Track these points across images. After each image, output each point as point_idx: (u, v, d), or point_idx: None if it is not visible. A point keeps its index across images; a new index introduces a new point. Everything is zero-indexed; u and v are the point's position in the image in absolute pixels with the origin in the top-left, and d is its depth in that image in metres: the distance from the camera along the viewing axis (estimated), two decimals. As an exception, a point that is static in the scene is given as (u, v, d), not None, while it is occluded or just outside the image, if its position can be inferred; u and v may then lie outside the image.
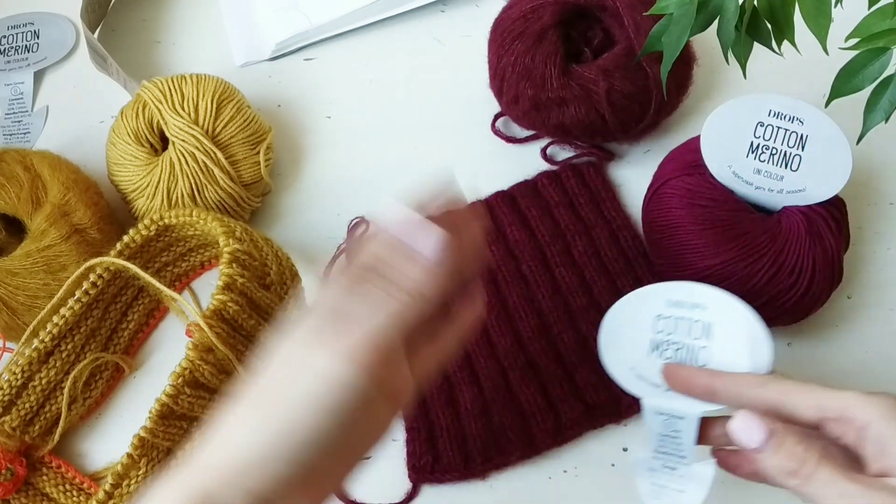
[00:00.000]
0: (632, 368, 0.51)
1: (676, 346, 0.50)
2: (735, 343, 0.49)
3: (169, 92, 0.67)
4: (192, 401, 0.55)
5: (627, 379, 0.51)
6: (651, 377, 0.50)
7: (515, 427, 0.60)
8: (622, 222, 0.66)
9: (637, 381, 0.50)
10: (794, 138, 0.58)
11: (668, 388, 0.50)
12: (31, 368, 0.60)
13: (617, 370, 0.51)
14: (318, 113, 0.76)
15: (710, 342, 0.50)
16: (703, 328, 0.50)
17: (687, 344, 0.50)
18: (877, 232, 0.65)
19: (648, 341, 0.51)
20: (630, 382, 0.51)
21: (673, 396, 0.49)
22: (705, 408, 0.48)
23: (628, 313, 0.52)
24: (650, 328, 0.51)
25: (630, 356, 0.51)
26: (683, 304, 0.50)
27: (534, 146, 0.71)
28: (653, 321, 0.51)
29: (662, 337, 0.50)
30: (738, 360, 0.49)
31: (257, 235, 0.62)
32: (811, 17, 0.50)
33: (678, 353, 0.50)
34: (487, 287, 0.65)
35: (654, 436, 0.50)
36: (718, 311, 0.50)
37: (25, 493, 0.61)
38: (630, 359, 0.51)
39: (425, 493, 0.59)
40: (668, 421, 0.49)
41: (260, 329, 0.58)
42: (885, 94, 0.53)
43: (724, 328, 0.50)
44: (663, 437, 0.49)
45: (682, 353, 0.50)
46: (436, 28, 0.79)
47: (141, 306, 0.66)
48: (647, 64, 0.63)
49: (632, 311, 0.52)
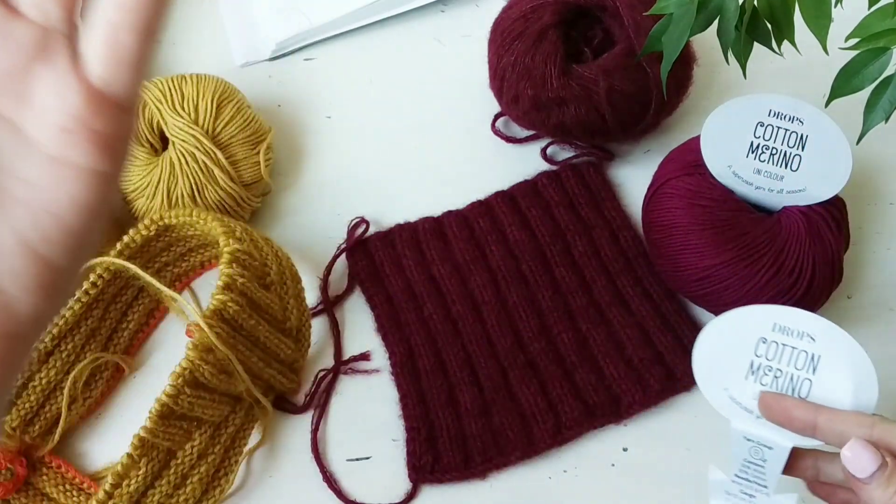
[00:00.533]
0: (725, 388, 0.48)
1: (776, 373, 0.48)
2: (840, 379, 0.47)
3: (169, 92, 0.67)
4: (192, 401, 0.55)
5: (719, 398, 0.48)
6: (744, 401, 0.48)
7: (515, 427, 0.60)
8: (622, 222, 0.66)
9: (729, 403, 0.48)
10: (794, 138, 0.58)
11: (760, 416, 0.48)
12: (31, 368, 0.60)
13: (709, 387, 0.49)
14: (318, 113, 0.76)
15: (813, 375, 0.47)
16: (808, 359, 0.47)
17: (788, 373, 0.47)
18: (877, 232, 0.65)
19: (747, 363, 0.48)
20: (721, 402, 0.48)
21: (765, 424, 0.47)
22: (800, 442, 0.47)
23: (731, 329, 0.49)
24: (751, 350, 0.48)
25: (725, 375, 0.48)
26: (791, 332, 0.48)
27: (534, 146, 0.71)
28: (755, 343, 0.48)
29: (763, 361, 0.48)
30: (841, 398, 0.47)
31: (257, 235, 0.62)
32: (811, 17, 0.50)
33: (777, 380, 0.48)
34: (487, 287, 0.65)
35: (738, 460, 0.48)
36: (828, 345, 0.47)
37: (25, 493, 0.61)
38: (725, 378, 0.48)
39: (425, 493, 0.59)
40: (756, 448, 0.47)
41: (260, 329, 0.58)
42: (885, 94, 0.53)
43: (831, 362, 0.47)
44: (748, 462, 0.48)
45: (780, 382, 0.48)
46: (436, 28, 0.79)
47: (141, 306, 0.66)
48: (647, 64, 0.63)
49: (735, 327, 0.49)
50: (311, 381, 0.63)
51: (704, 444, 0.59)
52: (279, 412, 0.62)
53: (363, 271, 0.67)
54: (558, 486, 0.59)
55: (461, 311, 0.64)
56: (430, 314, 0.64)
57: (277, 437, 0.62)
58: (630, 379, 0.60)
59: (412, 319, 0.64)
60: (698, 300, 0.61)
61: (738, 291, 0.57)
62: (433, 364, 0.62)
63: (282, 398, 0.63)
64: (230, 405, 0.59)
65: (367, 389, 0.63)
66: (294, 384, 0.63)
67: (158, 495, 0.56)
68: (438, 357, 0.63)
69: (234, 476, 0.59)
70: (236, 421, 0.60)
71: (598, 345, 0.62)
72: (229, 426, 0.59)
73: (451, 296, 0.65)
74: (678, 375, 0.60)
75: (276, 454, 0.61)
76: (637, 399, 0.59)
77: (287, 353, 0.61)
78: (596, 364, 0.61)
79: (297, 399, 0.63)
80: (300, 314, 0.62)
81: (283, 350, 0.61)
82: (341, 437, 0.62)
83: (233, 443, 0.60)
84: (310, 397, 0.63)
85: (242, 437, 0.60)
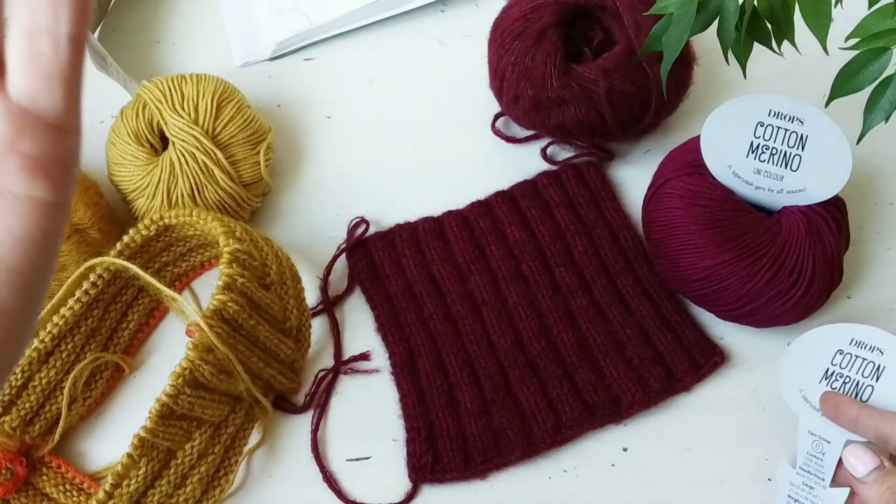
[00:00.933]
0: (801, 389, 0.55)
1: (845, 379, 0.55)
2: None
3: (169, 92, 0.67)
4: (192, 401, 0.55)
5: (794, 397, 0.55)
6: (814, 401, 0.55)
7: (515, 427, 0.60)
8: (622, 222, 0.67)
9: (801, 401, 0.55)
10: (794, 138, 0.58)
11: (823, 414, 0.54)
12: (31, 368, 0.60)
13: (788, 387, 0.56)
14: (318, 113, 0.76)
15: (876, 383, 0.54)
16: (874, 369, 0.54)
17: (855, 380, 0.54)
18: (877, 232, 0.65)
19: (823, 370, 0.55)
20: (795, 400, 0.55)
21: (826, 421, 0.54)
22: (850, 437, 0.53)
23: (816, 343, 0.56)
24: (828, 359, 0.55)
25: (803, 379, 0.55)
26: (865, 346, 0.55)
27: (534, 146, 0.71)
28: (833, 353, 0.55)
29: (836, 370, 0.55)
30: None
31: (257, 235, 0.62)
32: (811, 17, 0.50)
33: (845, 386, 0.54)
34: (487, 287, 0.65)
35: (802, 454, 0.55)
36: (894, 357, 0.54)
37: (25, 493, 0.61)
38: (802, 382, 0.55)
39: (425, 493, 0.59)
40: (817, 442, 0.54)
41: (260, 329, 0.58)
42: (885, 94, 0.53)
43: (894, 372, 0.54)
44: (810, 455, 0.54)
45: (847, 387, 0.54)
46: (436, 28, 0.79)
47: (141, 306, 0.66)
48: (647, 64, 0.63)
49: (819, 341, 0.56)
50: (311, 381, 0.63)
51: (704, 444, 0.59)
52: (279, 412, 0.62)
53: (363, 271, 0.67)
54: (558, 486, 0.59)
55: (461, 311, 0.64)
56: (430, 314, 0.64)
57: (277, 437, 0.62)
58: (630, 379, 0.60)
59: (412, 319, 0.64)
60: (698, 300, 0.61)
61: (738, 291, 0.57)
62: (433, 364, 0.62)
63: (282, 398, 0.63)
64: (230, 405, 0.59)
65: (367, 389, 0.63)
66: (294, 384, 0.63)
67: (158, 495, 0.56)
68: (438, 357, 0.63)
69: (234, 476, 0.59)
70: (236, 421, 0.60)
71: (598, 345, 0.62)
72: (229, 426, 0.59)
73: (451, 296, 0.65)
74: (678, 375, 0.60)
75: (276, 454, 0.61)
76: (637, 399, 0.59)
77: (287, 353, 0.61)
78: (596, 364, 0.61)
79: (297, 399, 0.63)
80: (300, 314, 0.62)
81: (283, 350, 0.61)
82: (341, 437, 0.62)
83: (233, 443, 0.60)
84: (310, 397, 0.63)
85: (242, 437, 0.60)
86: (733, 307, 0.58)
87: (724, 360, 0.61)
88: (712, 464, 0.58)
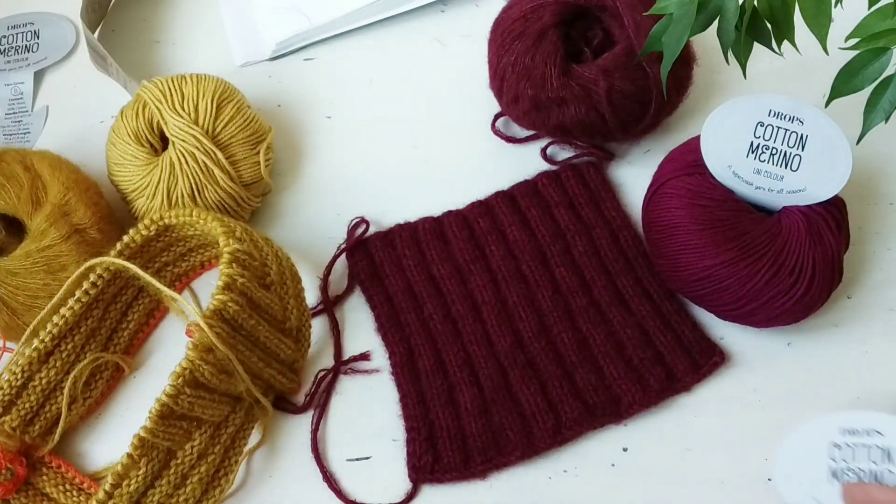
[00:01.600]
0: (814, 497, 0.53)
1: (857, 472, 0.52)
2: None
3: (169, 92, 0.67)
4: (192, 401, 0.55)
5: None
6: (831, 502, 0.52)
7: (515, 427, 0.60)
8: (622, 222, 0.67)
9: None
10: (794, 138, 0.58)
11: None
12: (31, 368, 0.60)
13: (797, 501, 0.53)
14: (318, 113, 0.76)
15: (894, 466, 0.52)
16: (884, 454, 0.52)
17: (869, 469, 0.52)
18: (877, 232, 0.65)
19: (827, 470, 0.53)
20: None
21: None
22: None
23: (801, 447, 0.54)
24: (825, 457, 0.53)
25: (810, 487, 0.53)
26: (858, 432, 0.52)
27: (534, 146, 0.71)
28: (827, 450, 0.53)
29: (841, 465, 0.53)
30: None
31: (257, 235, 0.62)
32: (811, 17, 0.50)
33: (862, 477, 0.52)
34: (487, 287, 0.65)
35: None
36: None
37: (25, 493, 0.61)
38: (812, 489, 0.53)
39: (425, 493, 0.59)
40: None
41: (260, 329, 0.58)
42: (885, 94, 0.53)
43: None
44: None
45: (866, 478, 0.52)
46: (436, 28, 0.79)
47: (141, 306, 0.66)
48: (647, 64, 0.63)
49: (805, 444, 0.53)
50: (311, 381, 0.63)
51: (704, 444, 0.59)
52: (279, 412, 0.62)
53: (363, 271, 0.67)
54: (558, 486, 0.59)
55: (461, 311, 0.64)
56: (430, 314, 0.64)
57: (277, 437, 0.62)
58: (630, 379, 0.60)
59: (412, 319, 0.64)
60: (698, 300, 0.61)
61: (737, 291, 0.57)
62: (433, 364, 0.62)
63: (282, 398, 0.63)
64: (230, 405, 0.59)
65: (367, 389, 0.63)
66: (294, 384, 0.63)
67: (158, 495, 0.56)
68: (438, 357, 0.63)
69: (234, 476, 0.59)
70: (236, 421, 0.60)
71: (598, 345, 0.62)
72: (229, 426, 0.59)
73: (451, 296, 0.65)
74: (678, 375, 0.60)
75: (276, 454, 0.61)
76: (637, 399, 0.59)
77: (287, 353, 0.61)
78: (596, 364, 0.61)
79: (297, 399, 0.63)
80: (300, 314, 0.62)
81: (283, 350, 0.61)
82: (341, 437, 0.62)
83: (233, 443, 0.60)
84: (310, 397, 0.63)
85: (242, 437, 0.60)
86: (733, 307, 0.58)
87: (724, 360, 0.61)
88: (712, 464, 0.58)
